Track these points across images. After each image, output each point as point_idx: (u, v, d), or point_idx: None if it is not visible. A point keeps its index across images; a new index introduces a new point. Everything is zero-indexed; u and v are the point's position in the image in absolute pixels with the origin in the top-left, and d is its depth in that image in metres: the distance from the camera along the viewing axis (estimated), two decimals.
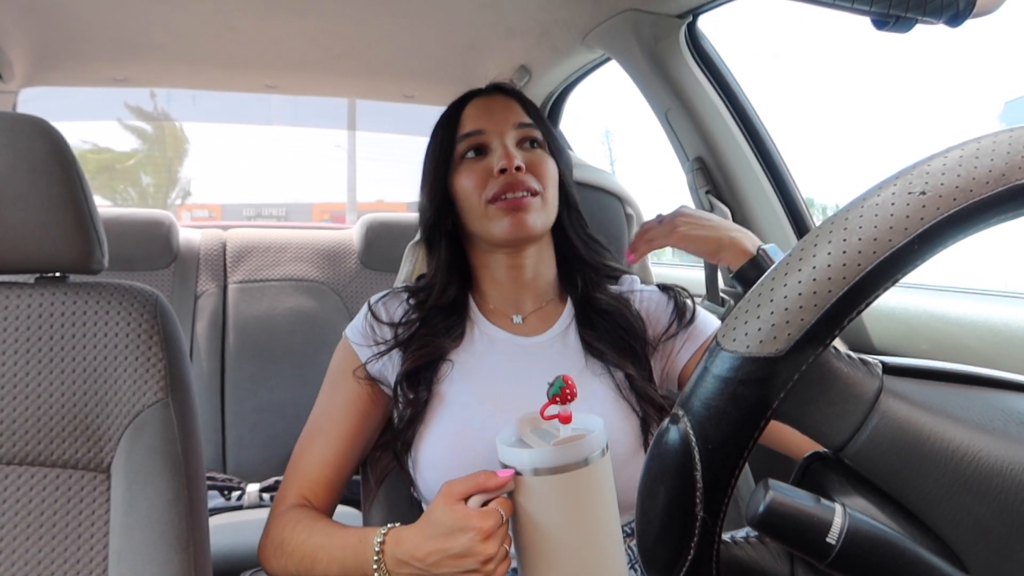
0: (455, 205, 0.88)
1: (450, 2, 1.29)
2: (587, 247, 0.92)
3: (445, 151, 0.89)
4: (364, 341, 0.88)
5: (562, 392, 0.64)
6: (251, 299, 1.83)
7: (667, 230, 0.93)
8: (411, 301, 0.90)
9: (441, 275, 0.90)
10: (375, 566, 0.68)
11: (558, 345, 0.88)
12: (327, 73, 1.71)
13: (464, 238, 0.92)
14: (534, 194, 0.84)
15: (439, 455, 0.80)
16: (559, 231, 0.91)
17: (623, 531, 0.75)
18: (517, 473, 0.63)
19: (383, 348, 0.87)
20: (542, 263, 0.91)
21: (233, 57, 1.57)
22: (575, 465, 0.61)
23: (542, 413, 0.65)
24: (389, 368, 0.87)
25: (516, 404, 0.77)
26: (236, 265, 1.89)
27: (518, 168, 0.83)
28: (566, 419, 0.65)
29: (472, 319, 0.91)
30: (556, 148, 0.90)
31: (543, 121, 0.91)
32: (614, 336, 0.87)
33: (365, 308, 0.92)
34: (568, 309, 0.91)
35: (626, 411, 0.82)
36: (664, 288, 0.95)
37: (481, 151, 0.87)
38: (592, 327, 0.88)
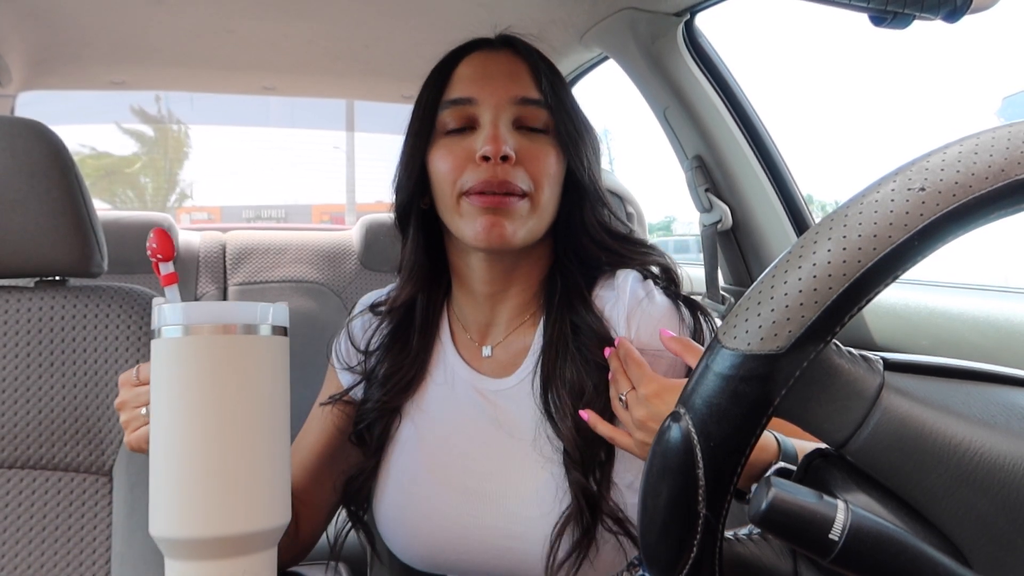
0: (431, 187, 0.72)
1: (447, 2, 1.29)
2: (593, 252, 0.74)
3: (427, 116, 0.71)
4: (337, 360, 0.80)
5: (151, 251, 0.60)
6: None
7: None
8: (385, 321, 0.79)
9: (410, 272, 0.76)
10: None
11: (521, 395, 0.71)
12: (325, 75, 1.71)
13: (443, 229, 0.75)
14: (521, 196, 0.67)
15: (395, 532, 0.74)
16: (563, 230, 0.75)
17: None
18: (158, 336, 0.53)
19: (348, 383, 0.78)
20: (532, 273, 0.74)
21: (231, 59, 1.57)
22: (225, 329, 0.51)
23: (157, 272, 0.61)
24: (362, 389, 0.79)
25: (465, 478, 0.70)
26: (236, 267, 1.89)
27: (505, 158, 0.65)
28: (169, 279, 0.60)
29: (441, 343, 0.77)
30: (569, 133, 0.70)
31: (559, 94, 0.71)
32: (577, 403, 0.67)
33: (347, 323, 0.82)
34: (539, 335, 0.73)
35: (561, 495, 0.66)
36: (687, 304, 0.71)
37: (467, 126, 0.69)
38: (557, 379, 0.69)
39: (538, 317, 0.74)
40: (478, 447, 0.71)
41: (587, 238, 0.73)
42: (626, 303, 0.70)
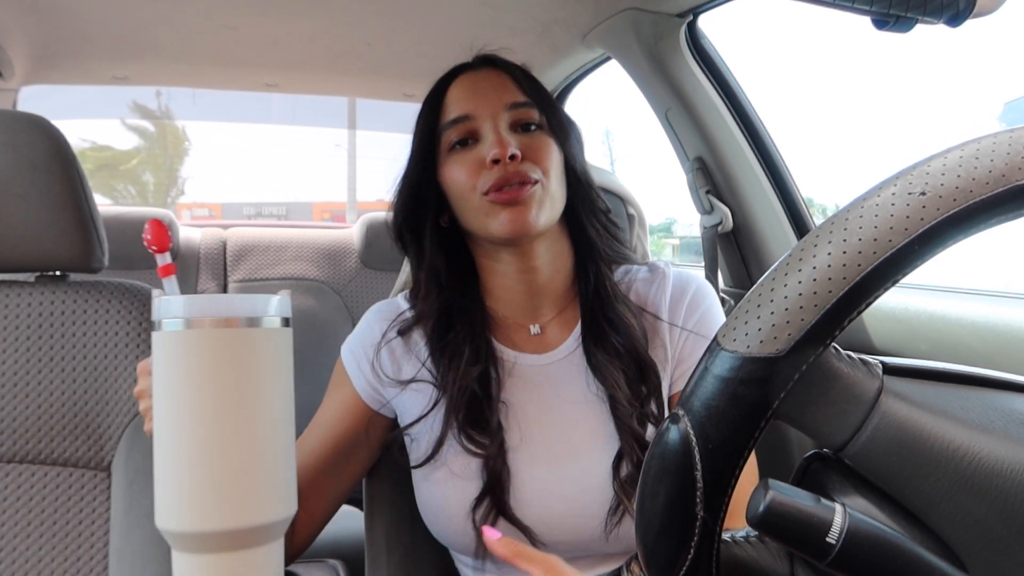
0: (448, 201, 0.78)
1: (450, 1, 1.29)
2: (600, 235, 0.81)
3: (429, 141, 0.78)
4: (378, 377, 0.79)
5: (147, 242, 0.59)
6: None
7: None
8: (424, 330, 0.80)
9: (436, 283, 0.79)
10: None
11: (566, 364, 0.79)
12: (327, 72, 1.71)
13: (467, 238, 0.82)
14: (534, 183, 0.73)
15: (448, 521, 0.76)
16: (572, 218, 0.81)
17: None
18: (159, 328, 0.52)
19: (385, 397, 0.80)
20: (558, 259, 0.80)
21: (233, 56, 1.57)
22: (226, 322, 0.50)
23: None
24: (389, 393, 0.80)
25: (540, 448, 0.74)
26: (236, 264, 1.89)
27: (512, 157, 0.73)
28: (167, 270, 0.60)
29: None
30: (559, 126, 0.79)
31: (542, 96, 0.80)
32: (626, 362, 0.76)
33: (362, 346, 0.81)
34: (581, 308, 0.81)
35: (609, 442, 0.75)
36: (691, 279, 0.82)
37: (470, 139, 0.76)
38: (602, 344, 0.77)
39: (581, 290, 0.81)
40: (547, 409, 0.77)
41: (585, 218, 0.80)
42: (669, 288, 0.81)
